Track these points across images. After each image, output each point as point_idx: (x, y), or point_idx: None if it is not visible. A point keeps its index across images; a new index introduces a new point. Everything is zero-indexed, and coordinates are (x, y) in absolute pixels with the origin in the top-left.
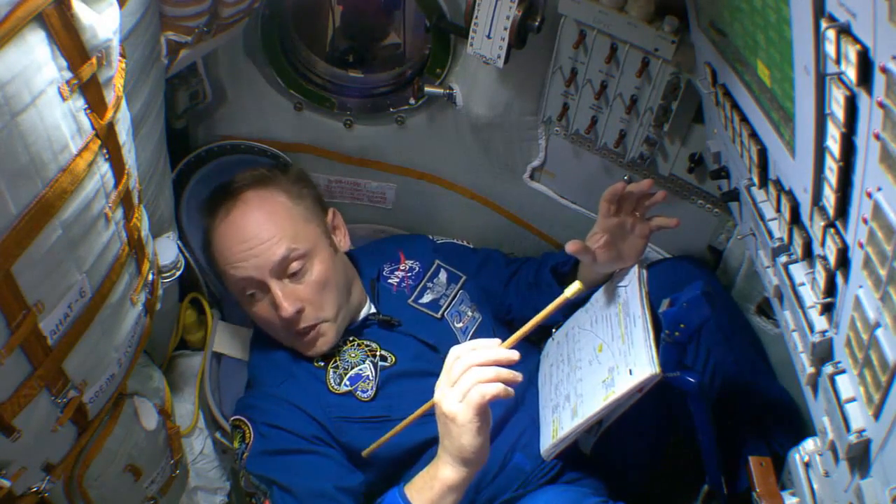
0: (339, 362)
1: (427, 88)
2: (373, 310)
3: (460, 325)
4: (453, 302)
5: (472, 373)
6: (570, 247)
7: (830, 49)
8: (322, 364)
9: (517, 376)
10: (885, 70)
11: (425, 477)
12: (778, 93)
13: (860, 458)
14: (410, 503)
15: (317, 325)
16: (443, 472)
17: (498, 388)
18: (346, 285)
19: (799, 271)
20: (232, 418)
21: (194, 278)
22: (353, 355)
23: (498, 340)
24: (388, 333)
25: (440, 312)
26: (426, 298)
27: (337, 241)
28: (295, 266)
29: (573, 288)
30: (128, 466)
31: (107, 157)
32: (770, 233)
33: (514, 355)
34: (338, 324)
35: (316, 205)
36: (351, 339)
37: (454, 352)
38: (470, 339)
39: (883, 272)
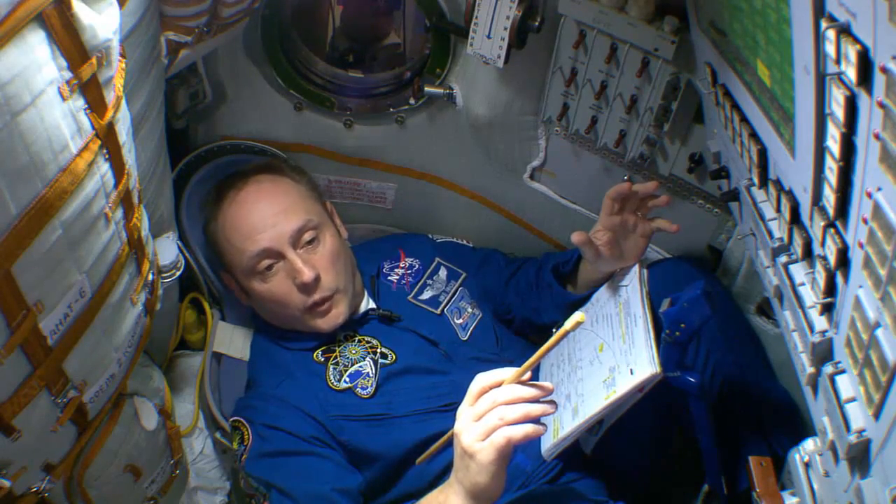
0: (339, 358)
1: (427, 88)
2: (372, 305)
3: (460, 321)
4: (453, 298)
5: (498, 411)
6: (576, 237)
7: (830, 49)
8: (322, 360)
9: (548, 409)
10: (885, 70)
11: None
12: (778, 93)
13: (860, 458)
14: None
15: (332, 295)
16: None
17: (526, 430)
18: (353, 266)
19: (799, 271)
20: (231, 419)
21: (194, 278)
22: (353, 352)
23: (514, 370)
24: (388, 329)
25: (440, 308)
26: (426, 295)
27: (338, 227)
28: (309, 236)
29: (574, 319)
30: (128, 466)
31: (107, 157)
32: (770, 233)
33: (547, 387)
34: (349, 298)
35: (316, 192)
36: (351, 333)
37: (479, 381)
38: (470, 335)
39: (883, 272)
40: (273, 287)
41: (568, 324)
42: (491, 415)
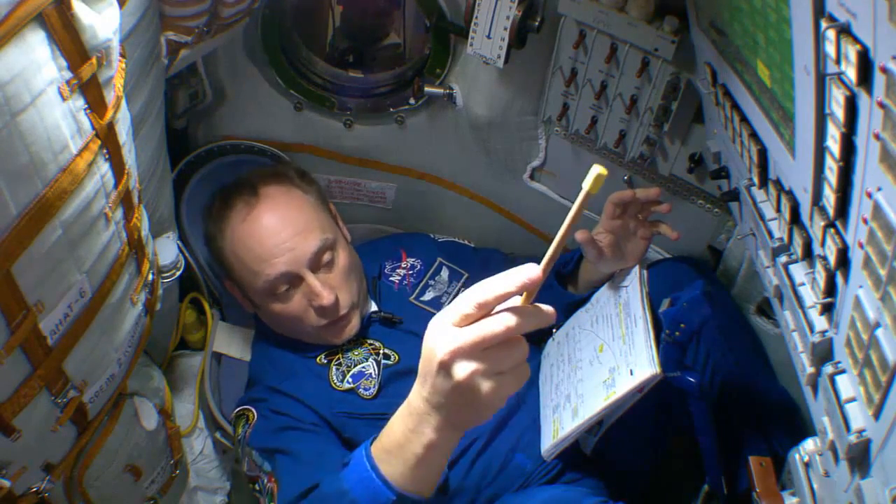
0: (342, 360)
1: (427, 88)
2: (374, 307)
3: None
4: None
5: (519, 351)
6: (580, 235)
7: (830, 49)
8: (325, 362)
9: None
10: (885, 70)
11: (401, 440)
12: (778, 93)
13: (860, 458)
14: (381, 474)
15: (349, 312)
16: (430, 438)
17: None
18: (362, 274)
19: (799, 271)
20: (236, 410)
21: (194, 278)
22: (356, 353)
23: (528, 272)
24: (390, 331)
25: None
26: (428, 296)
27: (343, 232)
28: (326, 257)
29: (597, 171)
30: (128, 466)
31: (107, 157)
32: (770, 233)
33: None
34: (360, 309)
35: (323, 197)
36: (354, 336)
37: (479, 295)
38: None
39: (883, 272)
40: (289, 308)
41: (586, 184)
42: (508, 355)
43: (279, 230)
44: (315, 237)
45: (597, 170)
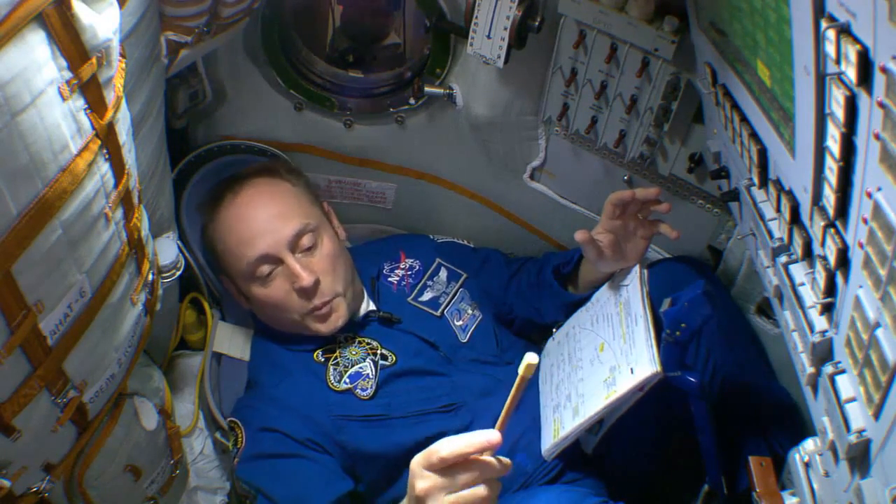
0: (339, 359)
1: (427, 88)
2: (372, 307)
3: (460, 322)
4: (453, 300)
5: (481, 490)
6: (579, 235)
7: (830, 49)
8: (322, 360)
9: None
10: (885, 70)
11: None
12: (778, 93)
13: (860, 458)
14: None
15: (332, 299)
16: None
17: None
18: (352, 268)
19: (799, 271)
20: (229, 419)
21: (194, 278)
22: (353, 353)
23: (479, 439)
24: (388, 331)
25: (440, 310)
26: (426, 296)
27: (335, 229)
28: (307, 241)
29: (526, 362)
30: (128, 466)
31: (107, 157)
32: (770, 233)
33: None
34: (348, 301)
35: (313, 194)
36: (351, 335)
37: (444, 450)
38: (469, 337)
39: (883, 272)
40: (272, 292)
41: (521, 369)
42: (471, 494)
43: (259, 213)
44: (296, 221)
45: (529, 357)
